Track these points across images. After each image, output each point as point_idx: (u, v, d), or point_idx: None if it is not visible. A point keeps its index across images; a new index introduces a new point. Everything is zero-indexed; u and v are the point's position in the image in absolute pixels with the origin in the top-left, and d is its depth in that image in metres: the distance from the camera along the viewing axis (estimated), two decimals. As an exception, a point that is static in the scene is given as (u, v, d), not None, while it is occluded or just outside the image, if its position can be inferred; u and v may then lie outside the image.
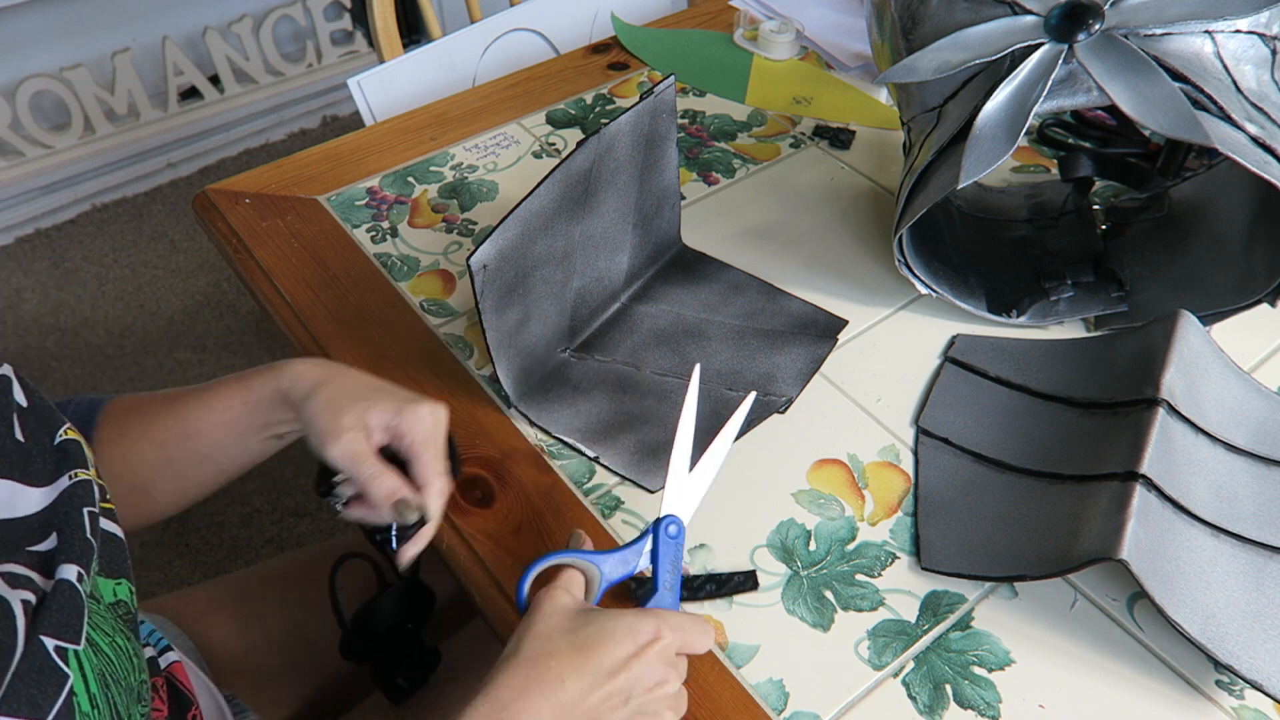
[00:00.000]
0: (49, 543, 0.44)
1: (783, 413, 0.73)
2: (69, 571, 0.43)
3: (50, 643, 0.39)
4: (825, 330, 0.78)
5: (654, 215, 0.81)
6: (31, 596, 0.40)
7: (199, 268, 1.99)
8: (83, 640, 0.41)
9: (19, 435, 0.47)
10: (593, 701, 0.50)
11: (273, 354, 1.82)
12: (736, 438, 0.62)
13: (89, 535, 0.46)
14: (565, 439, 0.71)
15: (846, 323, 0.78)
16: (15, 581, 0.41)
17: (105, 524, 0.48)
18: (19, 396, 0.49)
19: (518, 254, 0.67)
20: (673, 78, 0.76)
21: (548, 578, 0.55)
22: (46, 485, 0.47)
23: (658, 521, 0.57)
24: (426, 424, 0.58)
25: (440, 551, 0.66)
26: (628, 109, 0.72)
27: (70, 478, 0.47)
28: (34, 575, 0.42)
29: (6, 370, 0.48)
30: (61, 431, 0.49)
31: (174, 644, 0.68)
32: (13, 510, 0.44)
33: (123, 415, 0.63)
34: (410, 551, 0.59)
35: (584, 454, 0.70)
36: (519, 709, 0.49)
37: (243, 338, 1.86)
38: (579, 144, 0.68)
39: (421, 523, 0.58)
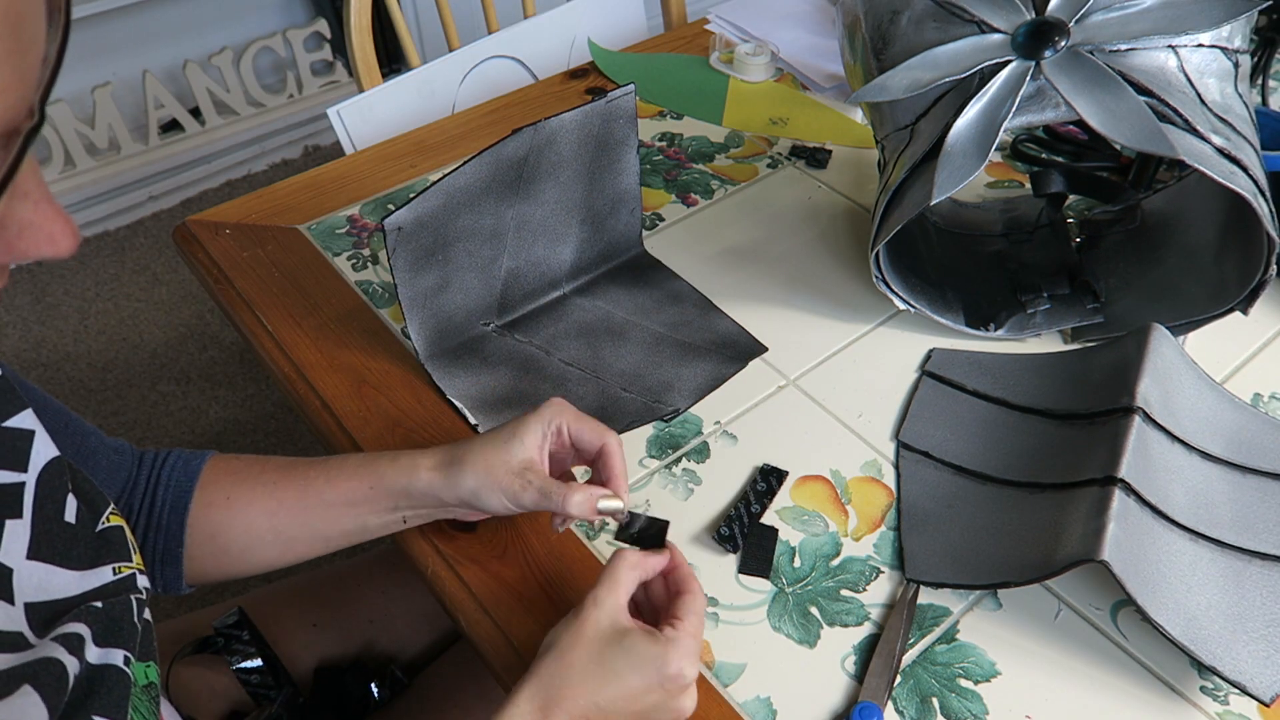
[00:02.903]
0: (97, 603, 0.46)
1: (667, 421, 0.74)
2: (116, 656, 0.45)
3: None
4: (741, 353, 0.79)
5: (608, 216, 0.83)
6: (75, 661, 0.43)
7: (182, 300, 1.99)
8: None
9: (69, 518, 0.48)
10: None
11: (258, 384, 1.82)
12: (618, 433, 0.66)
13: (135, 621, 0.48)
14: (455, 403, 0.74)
15: (766, 349, 0.79)
16: (71, 645, 0.43)
17: (146, 612, 0.50)
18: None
19: (437, 223, 0.71)
20: (632, 86, 0.77)
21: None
22: (83, 569, 0.48)
23: None
24: (558, 417, 0.60)
25: (425, 577, 0.66)
26: (574, 108, 0.75)
27: (115, 571, 0.49)
28: (88, 637, 0.44)
29: (56, 451, 0.50)
30: (105, 517, 0.51)
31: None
32: (49, 593, 0.46)
33: (228, 479, 0.64)
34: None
35: (466, 420, 0.73)
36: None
37: (227, 369, 1.85)
38: (513, 131, 0.72)
39: (658, 531, 0.59)
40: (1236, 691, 0.57)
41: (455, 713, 0.77)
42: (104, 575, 0.48)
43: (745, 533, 0.65)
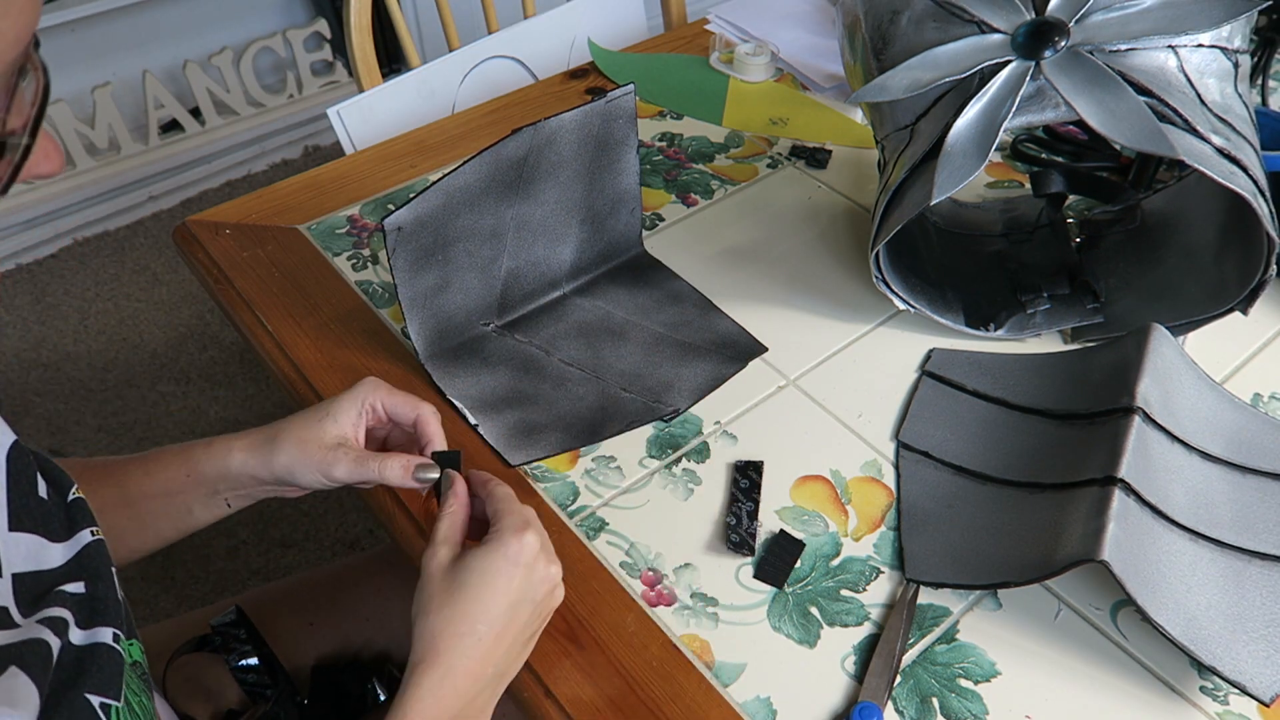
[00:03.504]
0: (77, 587, 0.47)
1: (667, 421, 0.74)
2: (105, 634, 0.45)
3: (96, 700, 0.42)
4: (741, 353, 0.79)
5: (608, 216, 0.83)
6: (59, 642, 0.43)
7: (182, 300, 1.99)
8: (122, 698, 0.44)
9: (42, 493, 0.49)
10: (510, 637, 0.53)
11: (257, 384, 1.82)
12: (618, 434, 0.72)
13: (119, 598, 0.48)
14: (455, 403, 0.74)
15: (766, 349, 0.79)
16: (56, 627, 0.43)
17: (120, 587, 0.51)
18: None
19: (437, 223, 0.71)
20: (632, 86, 0.77)
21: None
22: (65, 540, 0.48)
23: None
24: (372, 395, 0.62)
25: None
26: (573, 108, 0.75)
27: (93, 533, 0.49)
28: (71, 620, 0.44)
29: (14, 436, 0.50)
30: (73, 489, 0.51)
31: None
32: (40, 563, 0.46)
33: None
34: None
35: (466, 420, 0.73)
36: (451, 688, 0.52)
37: (227, 369, 1.85)
38: (513, 131, 0.72)
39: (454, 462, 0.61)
40: (1236, 691, 0.57)
41: None
42: (84, 539, 0.49)
43: (751, 532, 0.65)
